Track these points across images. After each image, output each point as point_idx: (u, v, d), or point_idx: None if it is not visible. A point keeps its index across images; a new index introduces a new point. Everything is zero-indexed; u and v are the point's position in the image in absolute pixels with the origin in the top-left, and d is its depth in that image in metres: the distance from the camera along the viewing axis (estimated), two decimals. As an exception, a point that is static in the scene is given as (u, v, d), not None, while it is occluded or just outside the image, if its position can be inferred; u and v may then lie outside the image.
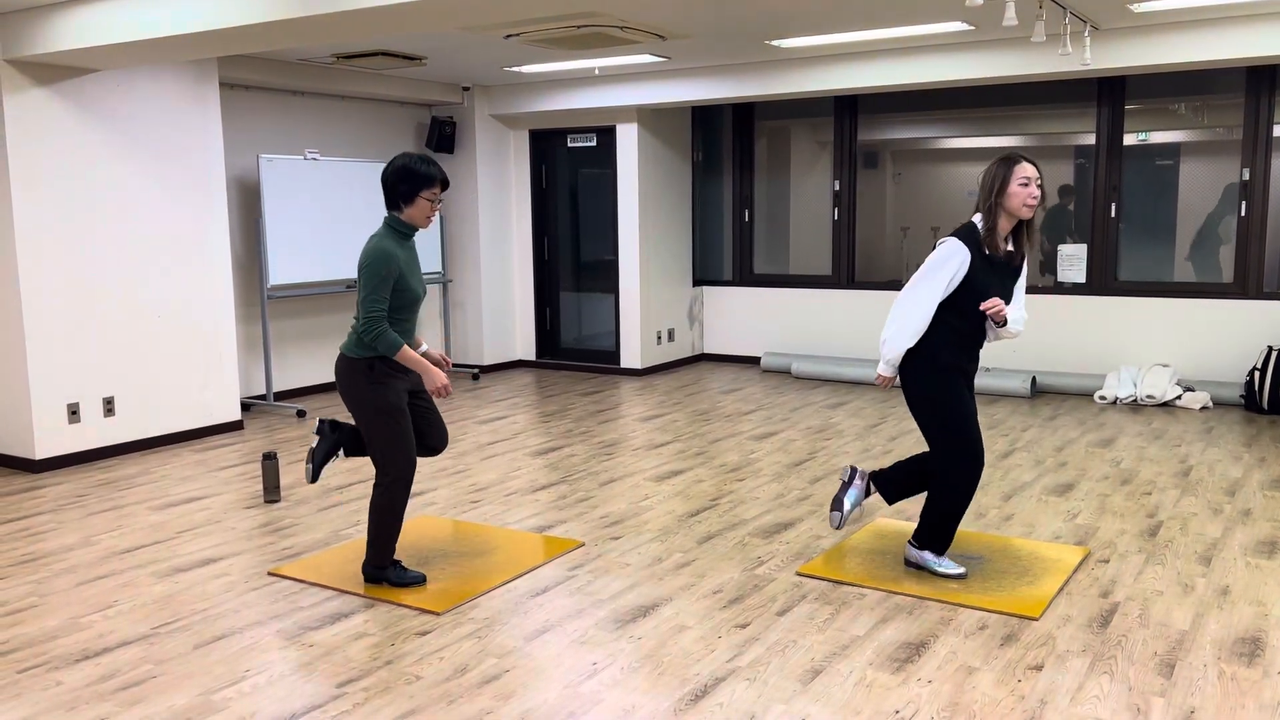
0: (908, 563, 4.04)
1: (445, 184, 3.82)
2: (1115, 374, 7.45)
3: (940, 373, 3.79)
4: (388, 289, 3.69)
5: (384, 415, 3.77)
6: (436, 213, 3.84)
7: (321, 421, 4.07)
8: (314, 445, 4.05)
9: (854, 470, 4.17)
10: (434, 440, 4.06)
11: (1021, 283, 3.91)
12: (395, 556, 3.98)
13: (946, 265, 3.71)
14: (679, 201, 9.21)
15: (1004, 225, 3.74)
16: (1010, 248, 3.81)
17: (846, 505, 4.11)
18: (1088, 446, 6.05)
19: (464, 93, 8.76)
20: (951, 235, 3.77)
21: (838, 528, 4.14)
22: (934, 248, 3.82)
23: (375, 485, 3.86)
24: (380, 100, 8.51)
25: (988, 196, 3.72)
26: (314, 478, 4.01)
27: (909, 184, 8.78)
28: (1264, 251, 7.22)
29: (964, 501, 3.87)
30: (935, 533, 3.93)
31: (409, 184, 3.74)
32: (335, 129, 8.20)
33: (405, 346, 3.72)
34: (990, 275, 3.76)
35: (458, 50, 6.96)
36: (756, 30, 6.35)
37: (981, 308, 3.72)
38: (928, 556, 3.97)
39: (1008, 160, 3.71)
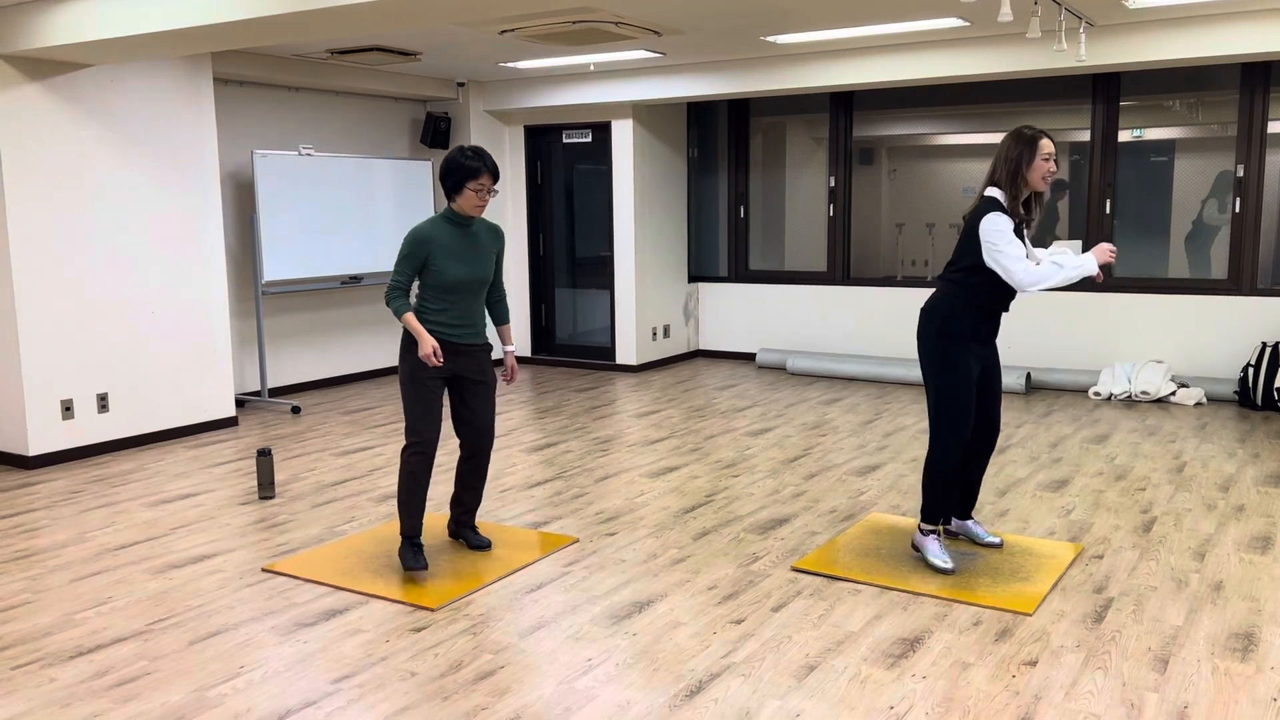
0: (913, 545, 4.11)
1: (495, 175, 3.96)
2: (1110, 370, 7.46)
3: (952, 340, 3.90)
4: (410, 265, 3.93)
5: (407, 384, 4.01)
6: (487, 202, 4.00)
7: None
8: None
9: (918, 541, 4.08)
10: (470, 435, 4.18)
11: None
12: (420, 541, 4.10)
13: (1009, 227, 3.81)
14: (674, 198, 9.20)
15: (1022, 196, 3.91)
16: (1023, 213, 3.97)
17: (940, 564, 3.96)
18: (1082, 442, 6.06)
19: (459, 88, 8.74)
20: (989, 211, 3.83)
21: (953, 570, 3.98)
22: (966, 227, 3.88)
23: (401, 451, 4.06)
24: (375, 96, 8.49)
25: (1014, 171, 3.83)
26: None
27: (904, 180, 8.78)
28: (1258, 248, 7.23)
29: (947, 470, 3.93)
30: (924, 504, 4.02)
31: (454, 177, 3.94)
32: (330, 124, 8.18)
33: (409, 315, 3.92)
34: None
35: (452, 46, 6.94)
36: (751, 26, 6.34)
37: (1105, 259, 3.83)
38: (928, 544, 4.02)
39: (1030, 137, 3.82)
